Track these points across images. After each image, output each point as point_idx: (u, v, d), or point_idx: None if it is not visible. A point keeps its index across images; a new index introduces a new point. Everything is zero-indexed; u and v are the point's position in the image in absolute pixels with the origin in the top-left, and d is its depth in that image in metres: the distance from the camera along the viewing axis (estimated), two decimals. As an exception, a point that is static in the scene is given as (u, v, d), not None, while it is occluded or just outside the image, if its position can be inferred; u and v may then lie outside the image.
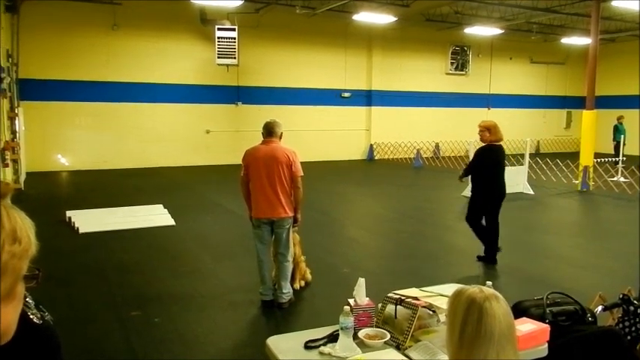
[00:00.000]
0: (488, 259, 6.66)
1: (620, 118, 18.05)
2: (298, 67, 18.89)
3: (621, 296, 2.92)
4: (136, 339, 4.46)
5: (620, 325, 2.87)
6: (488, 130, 6.55)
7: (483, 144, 6.62)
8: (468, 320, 1.49)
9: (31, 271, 0.87)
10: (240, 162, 5.23)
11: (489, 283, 2.00)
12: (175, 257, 6.99)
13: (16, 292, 0.85)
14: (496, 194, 6.62)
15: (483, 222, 6.73)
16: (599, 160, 14.06)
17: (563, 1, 16.47)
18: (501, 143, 6.61)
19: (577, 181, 13.33)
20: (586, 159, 13.23)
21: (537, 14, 17.81)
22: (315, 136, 18.48)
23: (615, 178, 13.77)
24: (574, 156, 15.23)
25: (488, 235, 6.69)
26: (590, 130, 13.39)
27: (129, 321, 4.81)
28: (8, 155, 11.23)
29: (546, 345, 2.29)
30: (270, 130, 5.11)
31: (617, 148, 16.62)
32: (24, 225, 0.85)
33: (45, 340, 1.31)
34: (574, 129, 24.10)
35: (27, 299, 1.36)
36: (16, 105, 13.44)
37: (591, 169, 13.21)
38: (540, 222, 10.09)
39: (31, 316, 1.29)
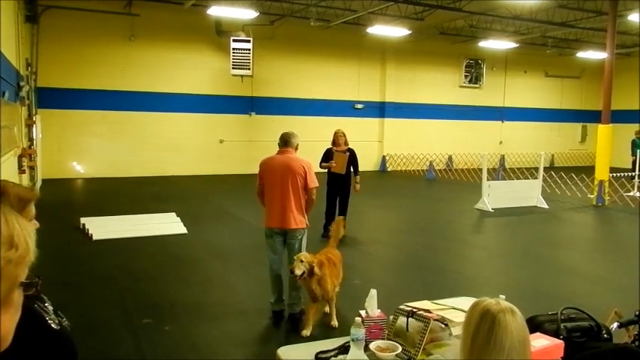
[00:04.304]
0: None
1: (638, 133, 17.86)
2: (312, 79, 18.99)
3: (637, 313, 2.87)
4: (147, 347, 4.47)
5: (637, 343, 2.82)
6: (345, 136, 8.42)
7: (343, 147, 8.36)
8: (480, 330, 1.48)
9: (31, 279, 0.86)
10: (253, 172, 5.26)
11: (502, 296, 1.98)
12: (187, 266, 7.02)
13: (13, 299, 0.83)
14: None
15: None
16: (614, 174, 13.89)
17: (578, 16, 16.42)
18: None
19: (592, 196, 13.17)
20: (601, 173, 13.08)
21: (552, 28, 17.77)
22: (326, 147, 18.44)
23: (631, 193, 13.58)
24: (589, 170, 15.08)
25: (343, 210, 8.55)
26: (606, 145, 13.26)
27: (140, 329, 4.83)
28: (25, 162, 11.38)
29: (560, 361, 2.25)
30: (286, 141, 5.14)
31: (635, 163, 16.39)
32: (22, 231, 0.83)
33: (62, 346, 1.32)
34: (589, 143, 23.89)
35: (46, 304, 1.38)
36: (34, 113, 13.66)
37: (607, 184, 13.06)
38: (554, 236, 9.97)
39: (49, 322, 1.31)
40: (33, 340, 0.94)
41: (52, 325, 1.32)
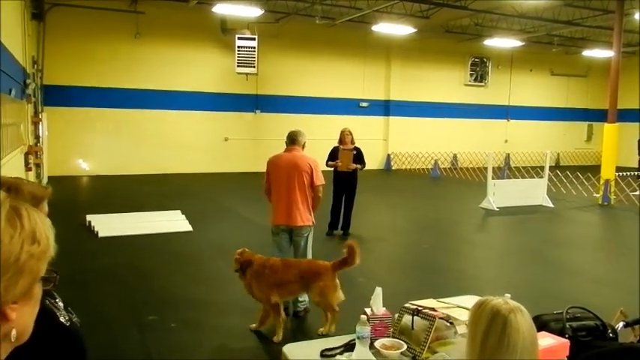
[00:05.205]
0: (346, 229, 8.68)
1: (643, 132, 17.77)
2: (317, 77, 18.98)
3: (643, 312, 2.86)
4: (153, 344, 4.50)
5: (642, 342, 2.81)
6: (352, 134, 8.47)
7: (350, 145, 8.41)
8: (491, 331, 1.47)
9: (49, 274, 0.88)
10: (258, 170, 5.29)
11: (508, 295, 1.98)
12: (192, 263, 7.04)
13: (33, 293, 0.85)
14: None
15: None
16: (620, 173, 13.84)
17: (585, 14, 16.34)
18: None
19: (598, 195, 13.13)
20: (607, 172, 13.03)
21: (558, 27, 17.68)
22: (333, 146, 18.43)
23: (637, 192, 13.51)
24: (595, 169, 15.02)
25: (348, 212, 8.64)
26: (612, 144, 13.20)
27: (146, 325, 4.85)
28: (31, 159, 11.44)
29: (566, 360, 2.25)
30: (293, 139, 5.18)
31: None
32: (44, 227, 0.86)
33: (72, 342, 1.35)
34: (595, 142, 23.78)
35: (56, 300, 1.40)
36: (40, 110, 13.72)
37: (612, 183, 13.01)
38: (560, 235, 9.95)
39: (60, 318, 1.34)
40: (44, 336, 0.95)
41: (63, 321, 1.34)
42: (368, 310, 2.52)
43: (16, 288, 0.80)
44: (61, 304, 1.44)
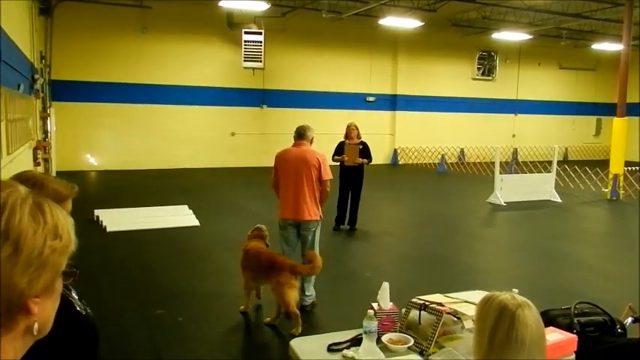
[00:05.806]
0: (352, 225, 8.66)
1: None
2: (323, 71, 18.94)
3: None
4: (161, 337, 4.53)
5: (651, 338, 2.80)
6: (358, 129, 8.40)
7: (356, 140, 8.35)
8: (499, 326, 1.47)
9: (69, 268, 0.90)
10: (265, 164, 5.31)
11: (515, 290, 1.97)
12: (199, 257, 7.07)
13: (55, 287, 0.87)
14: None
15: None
16: (629, 168, 13.73)
17: (594, 7, 16.18)
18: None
19: (606, 190, 13.03)
20: (616, 167, 12.94)
21: (567, 20, 17.52)
22: (339, 140, 18.37)
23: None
24: (603, 164, 14.92)
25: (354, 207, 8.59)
26: (621, 138, 13.10)
27: (153, 319, 4.88)
28: (40, 154, 11.52)
29: (574, 356, 2.25)
30: (301, 134, 5.20)
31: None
32: (65, 222, 0.88)
33: (88, 330, 1.40)
34: (604, 136, 23.59)
35: (71, 292, 1.44)
36: (48, 105, 13.80)
37: (621, 178, 12.91)
38: (568, 230, 9.90)
39: (77, 307, 1.38)
40: (63, 324, 0.98)
41: (80, 311, 1.39)
42: (375, 305, 2.52)
43: (39, 282, 0.81)
44: (75, 295, 1.48)
